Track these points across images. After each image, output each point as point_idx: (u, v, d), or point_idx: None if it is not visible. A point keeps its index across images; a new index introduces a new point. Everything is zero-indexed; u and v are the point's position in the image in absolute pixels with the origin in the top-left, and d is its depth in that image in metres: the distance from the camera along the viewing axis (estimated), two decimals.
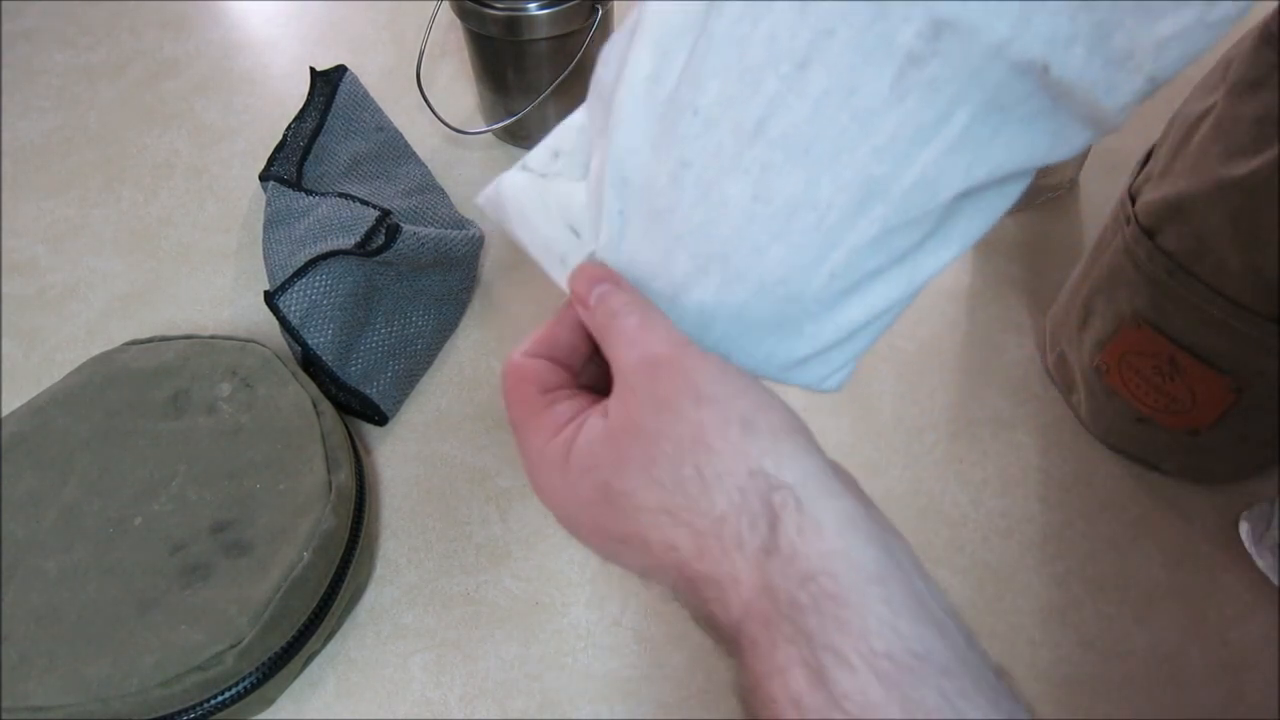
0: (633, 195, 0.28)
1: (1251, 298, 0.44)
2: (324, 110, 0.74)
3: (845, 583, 0.22)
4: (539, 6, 0.66)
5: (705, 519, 0.24)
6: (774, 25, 0.24)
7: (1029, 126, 0.25)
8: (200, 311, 0.68)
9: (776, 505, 0.23)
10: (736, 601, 0.24)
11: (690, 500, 0.24)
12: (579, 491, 0.27)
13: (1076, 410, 0.59)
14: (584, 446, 0.26)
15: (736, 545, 0.23)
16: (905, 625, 0.21)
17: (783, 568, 0.23)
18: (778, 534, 0.23)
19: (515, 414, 0.29)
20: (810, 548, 0.22)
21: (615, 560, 0.28)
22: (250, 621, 0.45)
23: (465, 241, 0.64)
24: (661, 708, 0.49)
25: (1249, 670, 0.49)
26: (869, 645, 0.21)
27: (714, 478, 0.24)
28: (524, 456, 0.29)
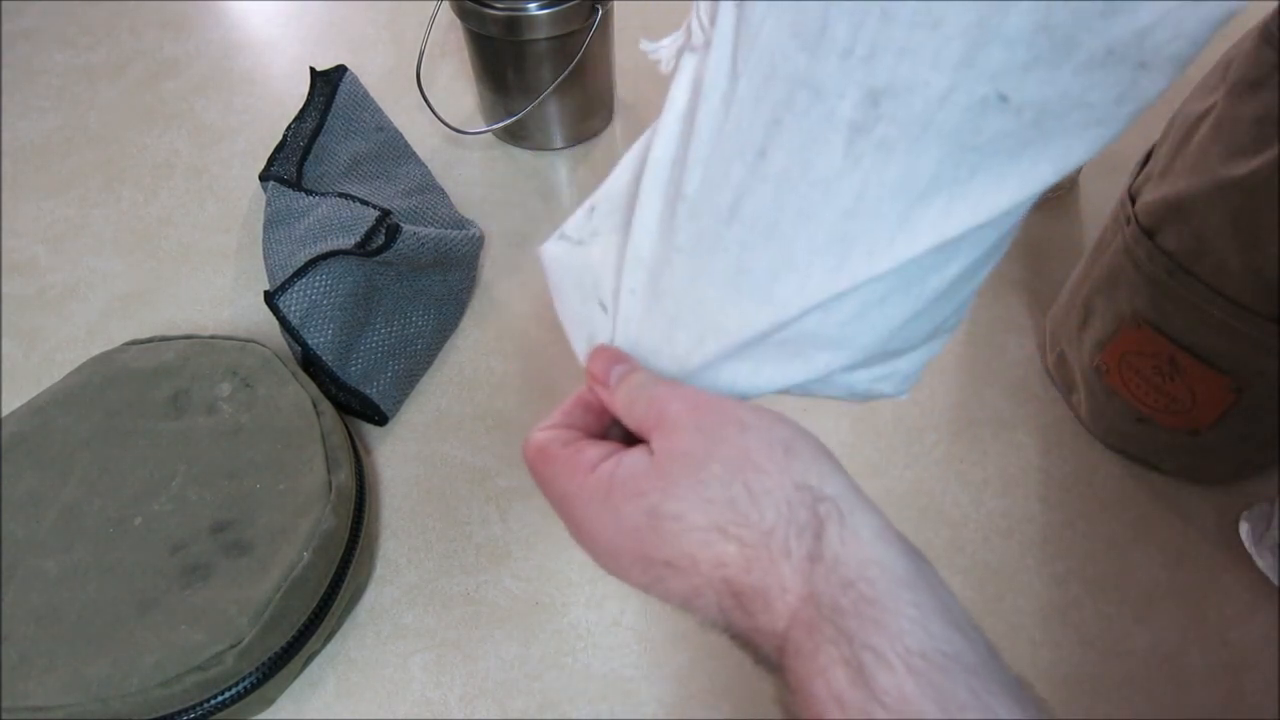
0: (644, 274, 0.31)
1: (1251, 298, 0.44)
2: (324, 110, 0.74)
3: (881, 588, 0.23)
4: (539, 6, 0.66)
5: (755, 531, 0.25)
6: (738, 116, 0.27)
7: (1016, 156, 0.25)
8: (200, 311, 0.68)
9: (822, 515, 0.25)
10: (784, 610, 0.25)
11: (740, 515, 0.25)
12: (623, 520, 0.27)
13: (1076, 410, 0.59)
14: (627, 477, 0.27)
15: (784, 554, 0.25)
16: (935, 627, 0.23)
17: (826, 574, 0.24)
18: (822, 542, 0.24)
19: (544, 470, 0.31)
20: (851, 555, 0.24)
21: (657, 588, 0.28)
22: (250, 621, 0.45)
23: (465, 241, 0.64)
24: (661, 708, 0.49)
25: (1249, 670, 0.49)
26: (904, 644, 0.22)
27: (762, 493, 0.25)
28: (559, 499, 0.30)
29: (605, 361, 0.31)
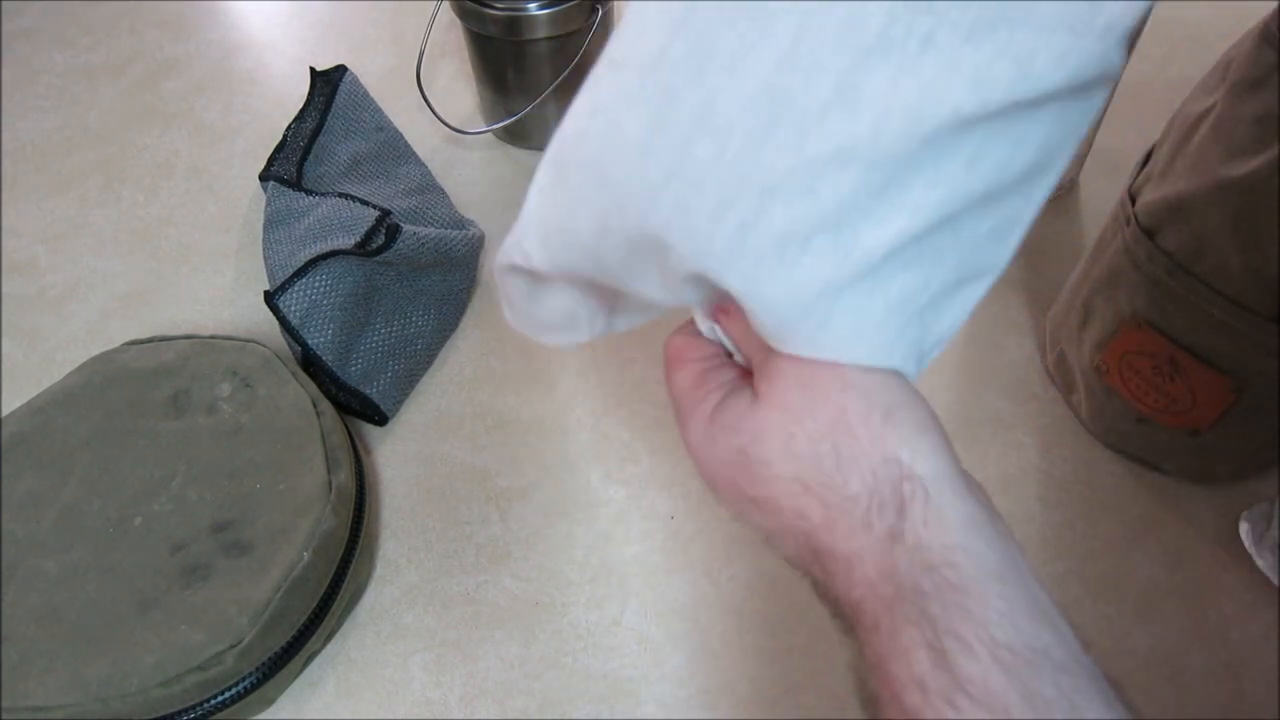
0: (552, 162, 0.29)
1: (1251, 298, 0.44)
2: (324, 110, 0.74)
3: (967, 575, 0.23)
4: (539, 6, 0.66)
5: (837, 495, 0.25)
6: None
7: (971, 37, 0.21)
8: (200, 311, 0.68)
9: (906, 494, 0.24)
10: (861, 579, 0.24)
11: (825, 476, 0.25)
12: (719, 451, 0.28)
13: (1076, 410, 0.59)
14: (730, 410, 0.28)
15: (864, 526, 0.24)
16: (1023, 621, 0.22)
17: (908, 555, 0.23)
18: (904, 521, 0.24)
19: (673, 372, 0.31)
20: (934, 539, 0.23)
21: (745, 518, 0.29)
22: (250, 621, 0.45)
23: (465, 241, 0.64)
24: (661, 708, 0.49)
25: (1249, 670, 0.49)
26: (990, 634, 0.21)
27: (850, 459, 0.25)
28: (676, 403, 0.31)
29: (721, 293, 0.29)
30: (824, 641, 0.50)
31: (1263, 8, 0.43)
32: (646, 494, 0.57)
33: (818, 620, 0.51)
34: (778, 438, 0.26)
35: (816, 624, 0.51)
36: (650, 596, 0.53)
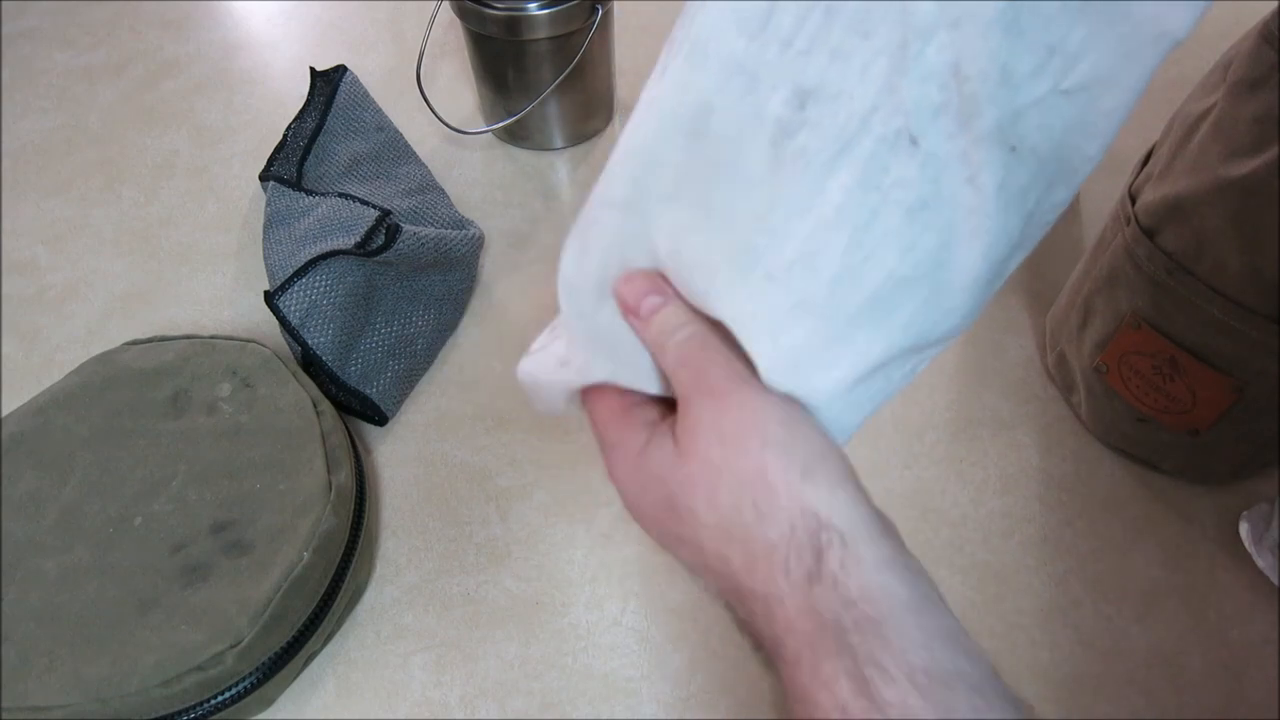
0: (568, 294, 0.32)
1: (1251, 298, 0.44)
2: (324, 110, 0.74)
3: (883, 608, 0.24)
4: (539, 6, 0.66)
5: (758, 543, 0.26)
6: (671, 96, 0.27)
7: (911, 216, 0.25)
8: (200, 311, 0.68)
9: (823, 543, 0.25)
10: (781, 618, 0.26)
11: (745, 526, 0.26)
12: (647, 495, 0.29)
13: (1076, 410, 0.59)
14: (655, 458, 0.29)
15: (784, 571, 0.25)
16: (939, 648, 0.23)
17: (825, 593, 0.25)
18: (822, 565, 0.25)
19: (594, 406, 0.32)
20: (852, 580, 0.25)
21: (670, 552, 0.30)
22: (250, 621, 0.45)
23: (465, 241, 0.64)
24: (661, 707, 0.49)
25: (1249, 670, 0.49)
26: (908, 660, 0.23)
27: (769, 512, 0.26)
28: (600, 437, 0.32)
29: (638, 288, 0.30)
30: None
31: (1263, 8, 0.43)
32: None
33: None
34: (701, 490, 0.27)
35: None
36: (650, 596, 0.53)
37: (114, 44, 0.90)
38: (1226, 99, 0.44)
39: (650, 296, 0.29)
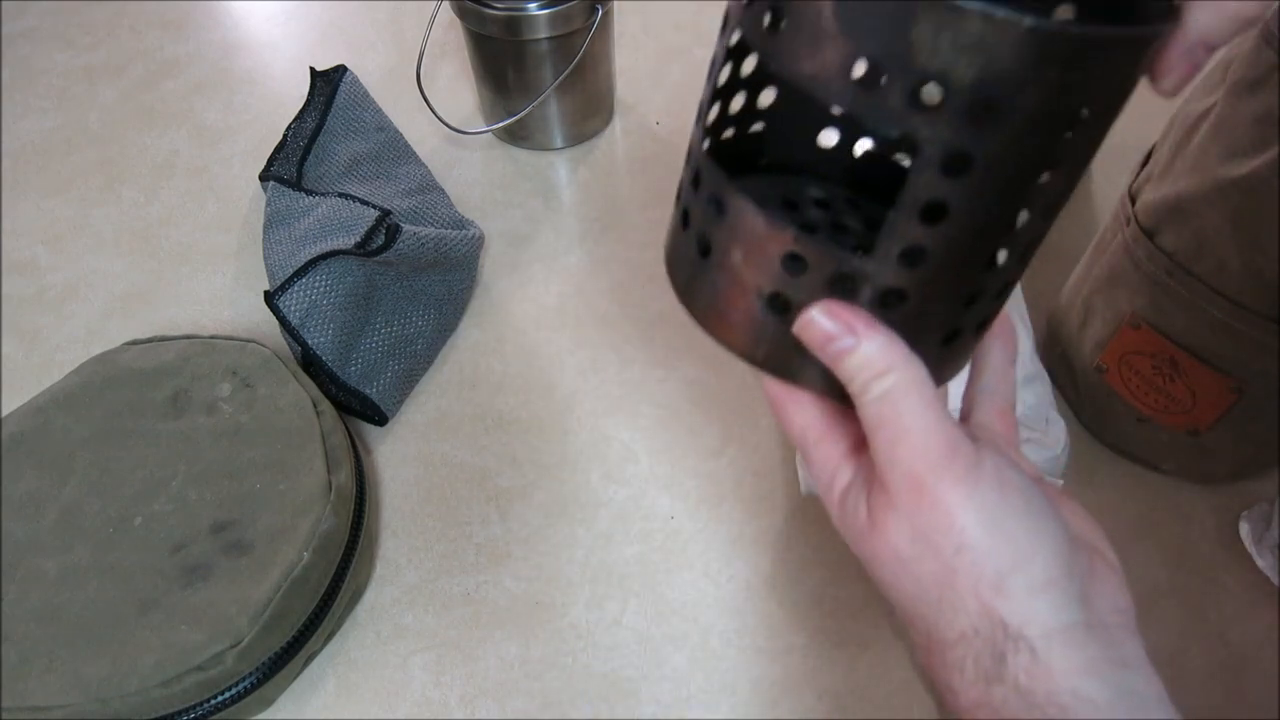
0: None
1: (1251, 298, 0.44)
2: (324, 110, 0.74)
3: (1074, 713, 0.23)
4: (539, 6, 0.66)
5: (938, 634, 0.26)
6: None
7: None
8: (200, 311, 0.68)
9: (1008, 650, 0.24)
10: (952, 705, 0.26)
11: (925, 617, 0.26)
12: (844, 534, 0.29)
13: (1076, 410, 0.59)
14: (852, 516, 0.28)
15: (958, 670, 0.25)
16: None
17: (1007, 694, 0.24)
18: (1004, 669, 0.24)
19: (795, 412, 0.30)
20: (1039, 686, 0.24)
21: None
22: (250, 621, 0.45)
23: (465, 241, 0.64)
24: (661, 708, 0.49)
25: (1249, 670, 0.49)
26: None
27: (953, 610, 0.25)
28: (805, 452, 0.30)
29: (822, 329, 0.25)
30: (824, 641, 0.50)
31: None
32: (646, 494, 0.57)
33: (818, 620, 0.51)
34: (888, 569, 0.26)
35: (817, 624, 0.51)
36: (650, 596, 0.53)
37: (114, 44, 0.90)
38: (1226, 99, 0.44)
39: (838, 340, 0.25)
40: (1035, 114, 0.22)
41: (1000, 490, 0.25)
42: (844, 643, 0.50)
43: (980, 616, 0.24)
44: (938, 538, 0.25)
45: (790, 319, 0.26)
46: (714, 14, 0.90)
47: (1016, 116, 0.22)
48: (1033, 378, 0.53)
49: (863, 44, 0.22)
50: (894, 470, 0.25)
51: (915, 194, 0.23)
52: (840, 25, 0.22)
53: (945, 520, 0.25)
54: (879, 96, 0.22)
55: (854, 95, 0.22)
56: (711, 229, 0.27)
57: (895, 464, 0.25)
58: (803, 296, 0.26)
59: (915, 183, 0.23)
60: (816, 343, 0.25)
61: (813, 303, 0.26)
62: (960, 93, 0.21)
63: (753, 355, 0.28)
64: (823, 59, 0.22)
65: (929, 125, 0.22)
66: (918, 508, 0.25)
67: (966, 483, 0.25)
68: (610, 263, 0.69)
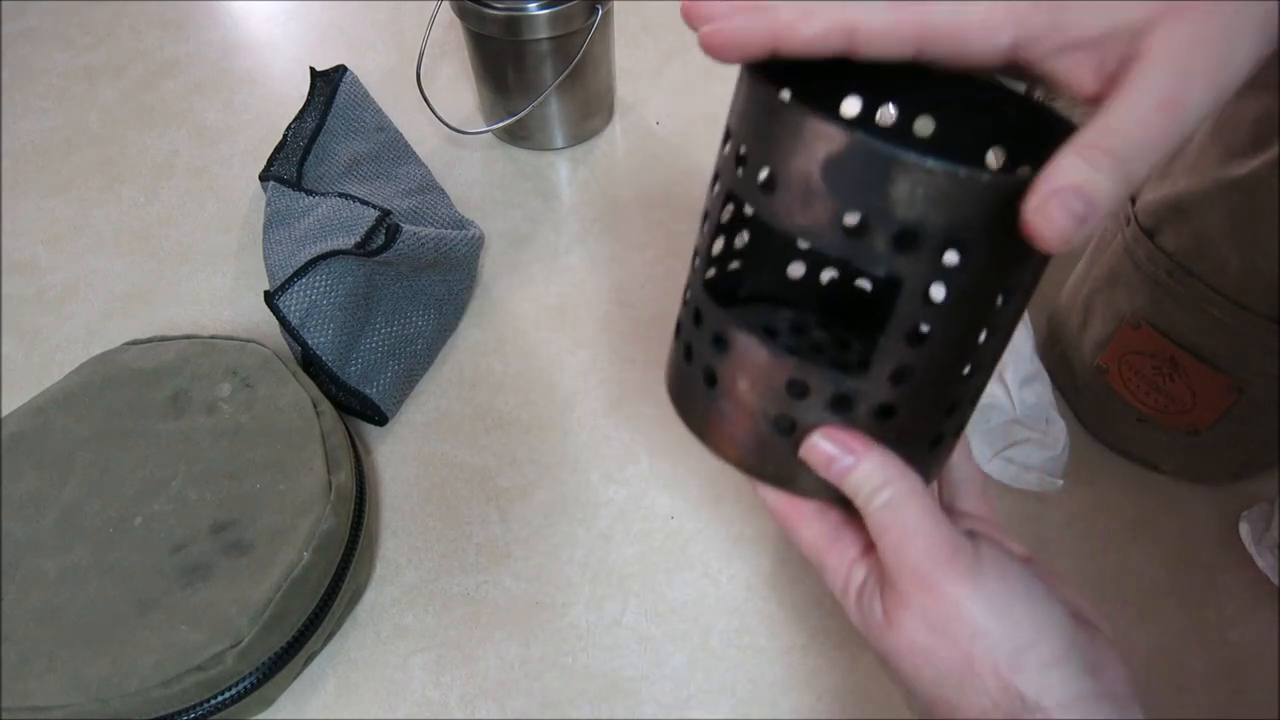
0: None
1: (1251, 298, 0.44)
2: (324, 110, 0.74)
3: None
4: (539, 6, 0.66)
5: (960, 711, 0.27)
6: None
7: None
8: (200, 311, 0.68)
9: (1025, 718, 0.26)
10: None
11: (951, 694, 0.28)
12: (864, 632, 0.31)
13: (1076, 410, 0.59)
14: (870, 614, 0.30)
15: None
16: None
17: None
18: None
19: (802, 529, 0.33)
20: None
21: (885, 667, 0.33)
22: (250, 621, 0.45)
23: (465, 241, 0.64)
24: (661, 708, 0.49)
25: (1249, 670, 0.49)
26: None
27: (975, 691, 0.27)
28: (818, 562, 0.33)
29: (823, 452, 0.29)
30: (824, 641, 0.50)
31: None
32: (646, 494, 0.57)
33: (818, 620, 0.51)
34: (909, 661, 0.28)
35: (816, 624, 0.51)
36: (650, 596, 0.53)
37: (114, 44, 0.90)
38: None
39: (839, 460, 0.28)
40: (995, 249, 0.26)
41: (1002, 580, 0.28)
42: (844, 643, 0.50)
43: (1000, 692, 0.26)
44: (952, 627, 0.27)
45: (796, 438, 0.29)
46: None
47: (981, 253, 0.26)
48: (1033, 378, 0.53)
49: (849, 201, 0.25)
50: (902, 571, 0.28)
51: (901, 322, 0.27)
52: (828, 187, 0.25)
53: (956, 612, 0.27)
54: (866, 243, 0.26)
55: (844, 243, 0.26)
56: (716, 362, 0.30)
57: (903, 565, 0.28)
58: (806, 416, 0.29)
59: (901, 313, 0.27)
60: (820, 464, 0.29)
61: (815, 422, 0.29)
62: (935, 237, 0.25)
63: (762, 472, 0.31)
64: (814, 214, 0.26)
65: (911, 265, 0.26)
66: (928, 603, 0.27)
67: (971, 577, 0.27)
68: (610, 263, 0.69)
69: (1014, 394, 0.52)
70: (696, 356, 0.31)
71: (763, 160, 0.27)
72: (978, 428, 0.53)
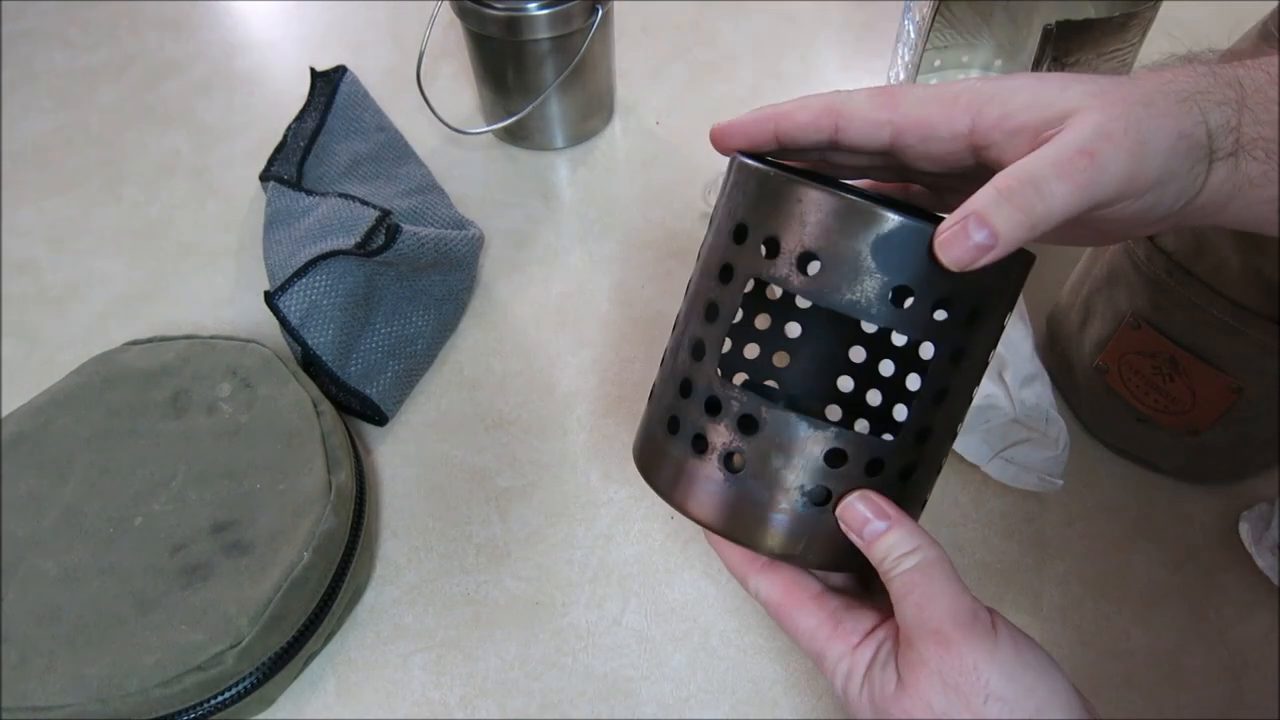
0: None
1: (1251, 298, 0.44)
2: (324, 110, 0.74)
3: None
4: (539, 6, 0.66)
5: None
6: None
7: None
8: (200, 311, 0.68)
9: None
10: None
11: None
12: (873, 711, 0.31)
13: (1076, 410, 0.59)
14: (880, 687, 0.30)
15: None
16: None
17: None
18: None
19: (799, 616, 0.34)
20: None
21: None
22: (250, 621, 0.45)
23: (465, 241, 0.64)
24: (661, 708, 0.49)
25: (1249, 670, 0.49)
26: None
27: None
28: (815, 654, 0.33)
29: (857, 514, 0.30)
30: None
31: (1263, 7, 0.43)
32: (647, 494, 0.57)
33: None
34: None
35: None
36: (650, 596, 0.53)
37: (114, 44, 0.90)
38: None
39: (873, 523, 0.30)
40: (1001, 311, 0.30)
41: (1015, 649, 0.29)
42: None
43: None
44: (966, 688, 0.28)
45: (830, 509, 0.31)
46: (714, 14, 0.90)
47: (993, 315, 0.30)
48: (1033, 378, 0.53)
49: (896, 274, 0.28)
50: (923, 630, 0.29)
51: (932, 384, 0.30)
52: (877, 264, 0.28)
53: (972, 673, 0.28)
54: (911, 311, 0.28)
55: (889, 312, 0.28)
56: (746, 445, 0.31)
57: (924, 625, 0.29)
58: (839, 485, 0.30)
59: (933, 375, 0.29)
60: (856, 525, 0.30)
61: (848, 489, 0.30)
62: (963, 305, 0.29)
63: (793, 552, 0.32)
64: (863, 289, 0.28)
65: (941, 330, 0.29)
66: (945, 661, 0.28)
67: (988, 641, 0.28)
68: (610, 263, 0.70)
69: (1014, 394, 0.52)
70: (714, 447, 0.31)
71: (797, 245, 0.29)
72: (977, 428, 0.53)
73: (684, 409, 0.32)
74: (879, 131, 0.30)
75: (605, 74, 0.77)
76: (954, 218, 0.26)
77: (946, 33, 0.75)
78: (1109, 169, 0.26)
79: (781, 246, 0.29)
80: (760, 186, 0.30)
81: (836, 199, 0.28)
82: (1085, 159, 0.26)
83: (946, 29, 0.74)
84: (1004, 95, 0.28)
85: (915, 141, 0.30)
